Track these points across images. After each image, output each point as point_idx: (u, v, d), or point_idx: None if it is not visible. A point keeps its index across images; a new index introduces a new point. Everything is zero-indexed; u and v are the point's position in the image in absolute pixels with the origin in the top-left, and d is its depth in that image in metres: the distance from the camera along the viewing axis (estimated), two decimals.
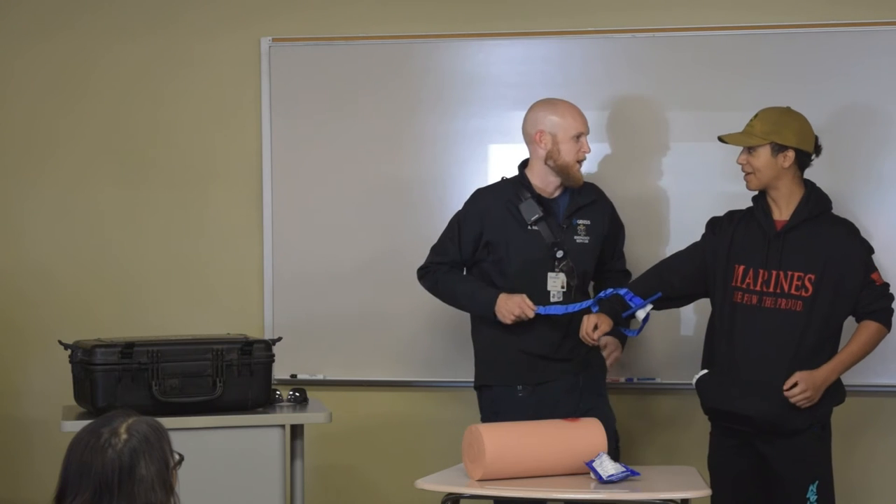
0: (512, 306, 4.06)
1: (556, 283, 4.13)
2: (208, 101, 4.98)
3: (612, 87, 4.70)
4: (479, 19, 4.84)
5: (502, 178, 4.27)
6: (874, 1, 4.62)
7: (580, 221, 4.18)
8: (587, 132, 4.15)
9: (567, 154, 4.11)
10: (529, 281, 4.13)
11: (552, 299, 4.12)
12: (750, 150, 3.91)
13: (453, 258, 4.25)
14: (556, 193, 4.19)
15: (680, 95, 4.70)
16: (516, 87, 4.75)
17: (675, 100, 4.70)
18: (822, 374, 3.83)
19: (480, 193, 4.28)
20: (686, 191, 4.68)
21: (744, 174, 3.95)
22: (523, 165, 4.24)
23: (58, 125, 5.05)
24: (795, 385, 3.79)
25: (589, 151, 4.15)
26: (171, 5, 5.00)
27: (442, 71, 4.82)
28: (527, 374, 4.16)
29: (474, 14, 4.85)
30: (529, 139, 4.19)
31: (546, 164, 4.15)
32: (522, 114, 4.76)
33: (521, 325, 4.09)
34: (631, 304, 3.99)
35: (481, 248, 4.22)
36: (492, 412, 4.20)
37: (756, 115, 3.95)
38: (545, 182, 4.18)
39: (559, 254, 4.12)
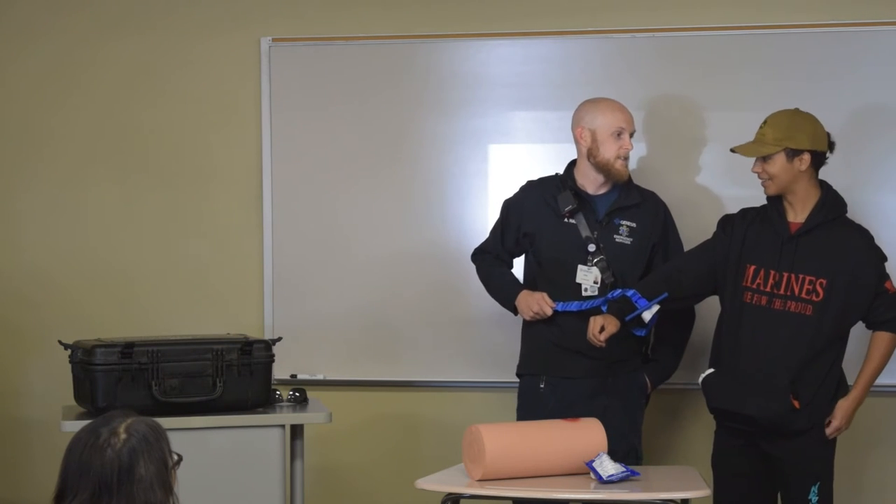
0: (531, 302, 4.13)
1: (587, 276, 4.15)
2: (208, 101, 4.98)
3: (612, 88, 4.67)
4: (479, 19, 4.83)
5: (556, 174, 4.29)
6: (878, 1, 4.62)
7: (623, 222, 4.19)
8: (630, 129, 4.17)
9: (606, 151, 4.14)
10: (561, 272, 4.17)
11: (584, 293, 4.15)
12: (764, 158, 3.89)
13: (495, 247, 4.33)
14: (601, 191, 4.21)
15: (680, 95, 4.70)
16: (516, 87, 4.75)
17: (675, 100, 4.70)
18: (851, 405, 3.89)
19: (527, 185, 4.34)
20: (685, 192, 4.68)
21: (761, 181, 3.93)
22: (573, 163, 4.27)
23: (60, 125, 5.04)
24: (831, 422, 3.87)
25: (630, 148, 4.17)
26: (172, 5, 5.00)
27: (442, 71, 4.82)
28: (553, 367, 4.19)
29: (474, 14, 4.84)
30: (573, 136, 4.23)
31: (588, 160, 4.18)
32: (522, 114, 4.80)
33: (554, 317, 4.13)
34: (637, 305, 3.98)
35: (522, 239, 4.27)
36: (519, 403, 4.27)
37: (765, 122, 3.91)
38: (588, 179, 4.21)
39: (591, 248, 4.14)
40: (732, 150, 3.98)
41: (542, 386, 4.20)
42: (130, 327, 4.65)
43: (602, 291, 4.13)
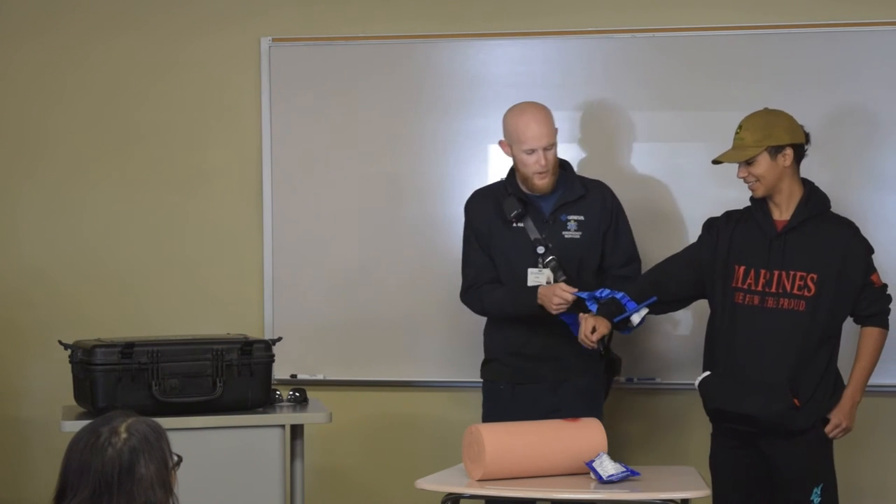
0: (550, 295, 4.00)
1: (538, 278, 4.10)
2: (208, 100, 4.98)
3: (612, 88, 4.70)
4: (479, 19, 4.84)
5: (501, 179, 4.26)
6: (874, 1, 4.62)
7: (571, 217, 4.14)
8: (542, 145, 4.02)
9: (523, 166, 4.09)
10: (515, 278, 4.13)
11: None
12: (748, 161, 3.89)
13: (484, 267, 4.21)
14: (544, 192, 4.14)
15: (680, 96, 4.70)
16: (516, 87, 4.73)
17: (675, 100, 4.70)
18: (847, 403, 3.88)
19: (473, 195, 4.30)
20: (685, 192, 4.68)
21: (748, 185, 3.93)
22: (515, 168, 4.20)
23: (59, 124, 5.04)
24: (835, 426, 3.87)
25: (545, 164, 4.04)
26: (171, 4, 5.00)
27: (442, 71, 4.82)
28: (504, 372, 4.19)
29: (474, 14, 4.85)
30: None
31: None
32: None
33: (503, 322, 4.13)
34: (626, 308, 3.97)
35: (485, 248, 4.22)
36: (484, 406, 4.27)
37: (741, 127, 3.92)
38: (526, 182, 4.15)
39: (540, 249, 4.11)
40: (714, 162, 3.98)
41: (501, 387, 4.20)
42: (130, 327, 4.65)
43: None
